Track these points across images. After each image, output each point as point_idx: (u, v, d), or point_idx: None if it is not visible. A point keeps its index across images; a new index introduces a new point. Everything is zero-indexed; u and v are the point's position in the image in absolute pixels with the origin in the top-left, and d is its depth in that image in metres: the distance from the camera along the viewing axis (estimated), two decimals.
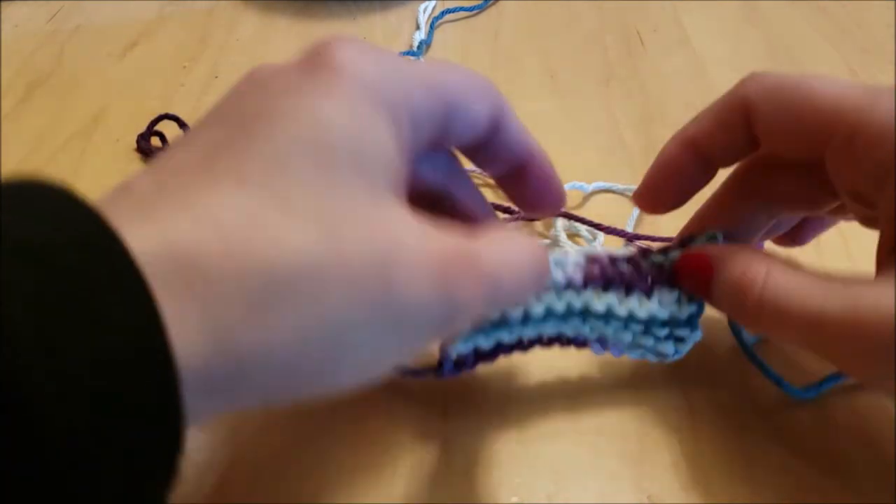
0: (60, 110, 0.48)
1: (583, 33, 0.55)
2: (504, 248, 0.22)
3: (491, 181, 0.41)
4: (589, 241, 0.37)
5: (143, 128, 0.45)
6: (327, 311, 0.18)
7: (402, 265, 0.19)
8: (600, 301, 0.27)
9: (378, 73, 0.21)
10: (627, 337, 0.28)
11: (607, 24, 0.56)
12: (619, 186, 0.40)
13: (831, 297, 0.23)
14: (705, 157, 0.28)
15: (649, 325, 0.27)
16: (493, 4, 0.59)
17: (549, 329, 0.28)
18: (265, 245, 0.17)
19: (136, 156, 0.44)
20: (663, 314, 0.27)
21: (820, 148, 0.25)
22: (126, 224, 0.16)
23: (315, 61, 0.21)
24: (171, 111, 0.45)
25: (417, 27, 0.55)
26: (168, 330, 0.15)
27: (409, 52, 0.51)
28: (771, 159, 0.28)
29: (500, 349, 0.28)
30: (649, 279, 0.27)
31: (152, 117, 0.45)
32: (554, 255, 0.27)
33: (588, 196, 0.40)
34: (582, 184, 0.40)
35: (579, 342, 0.28)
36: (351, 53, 0.21)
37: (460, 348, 0.27)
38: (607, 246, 0.29)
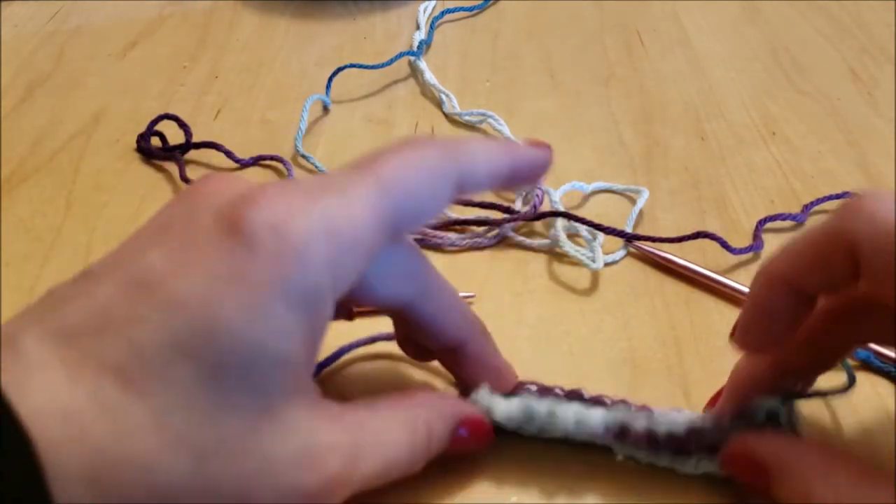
0: (60, 110, 0.48)
1: (583, 33, 0.55)
2: (382, 444, 0.23)
3: None
4: (589, 242, 0.37)
5: (143, 128, 0.45)
6: None
7: None
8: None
9: (302, 246, 0.20)
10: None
11: (607, 24, 0.56)
12: (619, 186, 0.40)
13: None
14: (802, 293, 0.24)
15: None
16: (493, 4, 0.59)
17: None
18: (130, 470, 0.18)
19: (136, 156, 0.44)
20: (701, 470, 0.26)
21: None
22: (14, 389, 0.17)
23: (232, 225, 0.20)
24: (171, 111, 0.45)
25: (417, 27, 0.55)
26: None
27: (409, 52, 0.51)
28: (874, 298, 0.23)
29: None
30: (692, 445, 0.26)
31: (152, 117, 0.45)
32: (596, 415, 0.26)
33: (588, 196, 0.41)
34: (582, 184, 0.40)
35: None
36: (272, 219, 0.20)
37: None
38: (660, 410, 0.27)
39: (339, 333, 0.31)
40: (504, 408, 0.27)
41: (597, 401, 0.28)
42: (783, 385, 0.26)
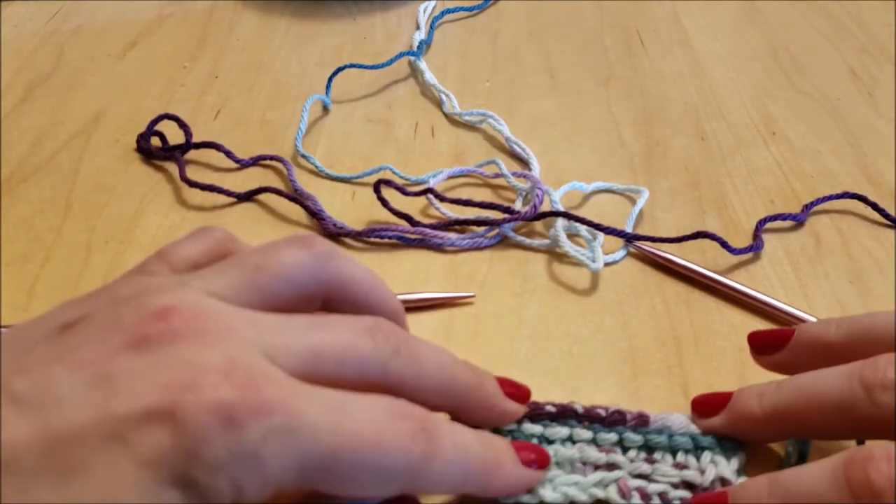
0: (60, 110, 0.48)
1: (583, 33, 0.55)
2: None
3: (491, 181, 0.41)
4: (589, 241, 0.37)
5: (143, 128, 0.45)
6: None
7: None
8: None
9: (220, 459, 0.19)
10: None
11: (607, 24, 0.56)
12: (619, 186, 0.40)
13: None
14: None
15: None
16: (493, 4, 0.59)
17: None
18: None
19: (136, 156, 0.44)
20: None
21: None
22: None
23: (175, 407, 0.19)
24: (171, 111, 0.45)
25: (417, 27, 0.55)
26: None
27: (409, 52, 0.51)
28: None
29: None
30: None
31: (152, 117, 0.45)
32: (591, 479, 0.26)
33: (588, 196, 0.41)
34: (582, 184, 0.40)
35: None
36: (210, 420, 0.19)
37: None
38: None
39: None
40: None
41: (593, 417, 0.28)
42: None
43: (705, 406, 0.28)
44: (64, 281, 0.36)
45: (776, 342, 0.28)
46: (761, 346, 0.29)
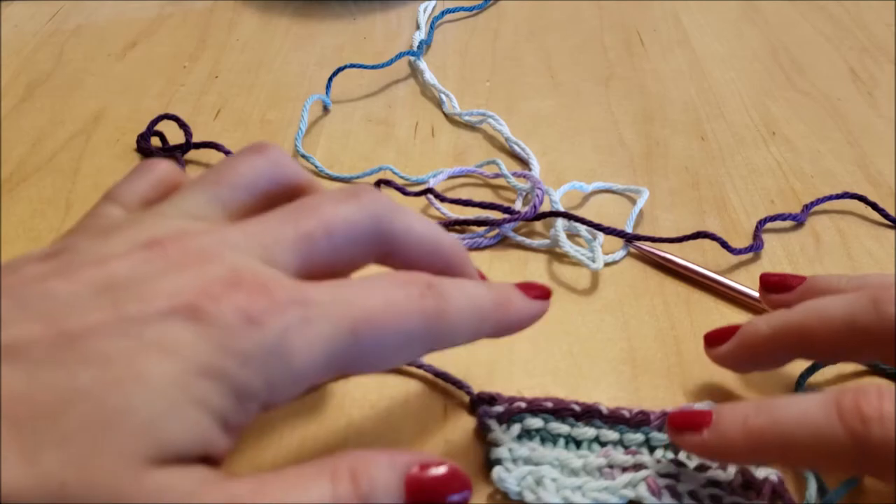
0: (60, 110, 0.48)
1: (583, 33, 0.55)
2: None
3: (491, 181, 0.41)
4: (589, 242, 0.37)
5: (143, 128, 0.45)
6: None
7: None
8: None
9: (251, 351, 0.19)
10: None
11: (607, 24, 0.56)
12: (619, 186, 0.40)
13: None
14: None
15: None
16: (493, 4, 0.59)
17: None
18: None
19: (136, 156, 0.44)
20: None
21: None
22: None
23: (199, 307, 0.19)
24: (171, 111, 0.45)
25: (417, 27, 0.55)
26: None
27: (409, 52, 0.51)
28: None
29: None
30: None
31: (152, 117, 0.45)
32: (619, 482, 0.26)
33: (588, 196, 0.41)
34: (581, 184, 0.40)
35: None
36: (239, 313, 0.19)
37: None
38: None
39: None
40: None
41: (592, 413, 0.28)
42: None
43: (715, 337, 0.29)
44: None
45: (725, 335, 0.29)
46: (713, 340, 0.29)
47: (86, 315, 0.19)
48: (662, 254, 0.36)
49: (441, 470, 0.21)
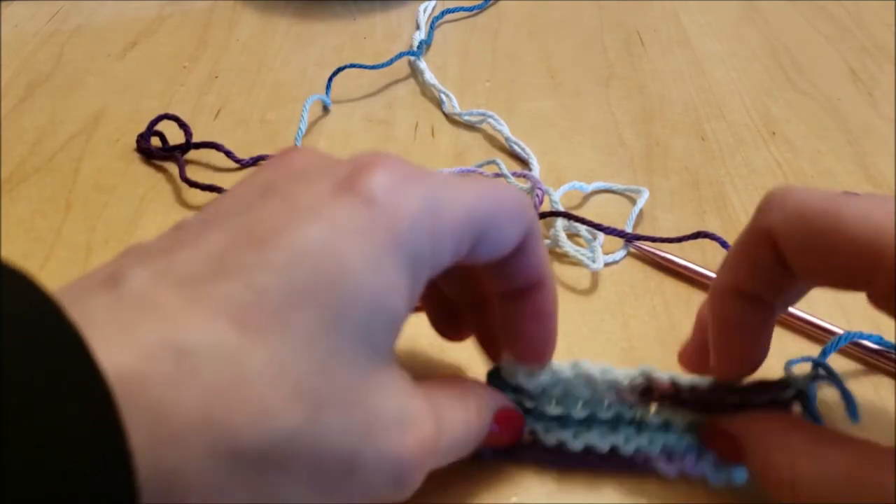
0: (60, 110, 0.48)
1: (583, 33, 0.55)
2: (451, 422, 0.23)
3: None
4: (589, 241, 0.37)
5: (143, 128, 0.45)
6: (284, 494, 0.18)
7: (367, 462, 0.19)
8: (657, 415, 0.27)
9: (413, 212, 0.20)
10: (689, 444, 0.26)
11: (607, 24, 0.56)
12: (619, 186, 0.40)
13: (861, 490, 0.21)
14: (755, 299, 0.24)
15: None
16: (493, 4, 0.59)
17: (600, 441, 0.27)
18: (245, 414, 0.17)
19: (136, 156, 0.44)
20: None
21: (862, 284, 0.22)
22: (99, 337, 0.16)
23: (351, 185, 0.20)
24: (171, 111, 0.45)
25: (417, 27, 0.55)
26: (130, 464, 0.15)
27: (409, 52, 0.51)
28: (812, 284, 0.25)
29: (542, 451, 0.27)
30: (715, 403, 0.26)
31: (152, 117, 0.45)
32: (611, 373, 0.27)
33: (588, 196, 0.41)
34: (581, 184, 0.40)
35: (639, 461, 0.27)
36: (389, 184, 0.20)
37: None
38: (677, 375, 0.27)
39: None
40: (527, 374, 0.27)
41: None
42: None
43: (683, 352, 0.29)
44: (64, 281, 0.35)
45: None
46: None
47: (264, 215, 0.20)
48: (662, 254, 0.36)
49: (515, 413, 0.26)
